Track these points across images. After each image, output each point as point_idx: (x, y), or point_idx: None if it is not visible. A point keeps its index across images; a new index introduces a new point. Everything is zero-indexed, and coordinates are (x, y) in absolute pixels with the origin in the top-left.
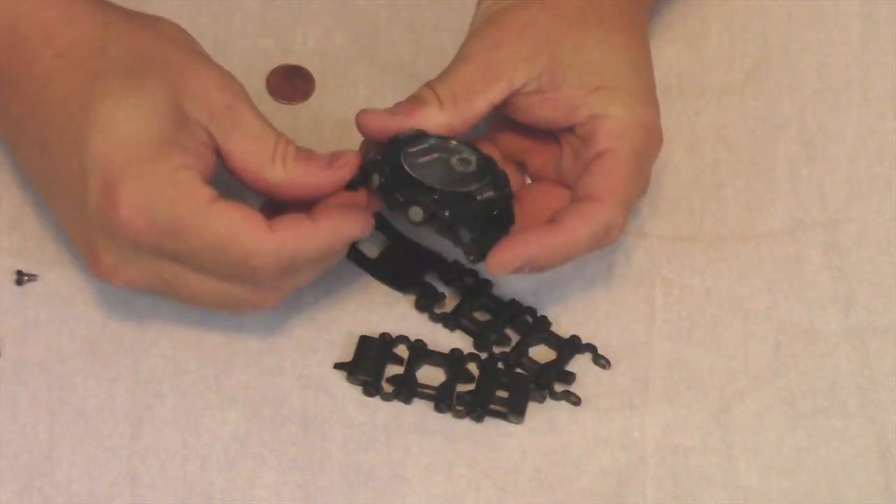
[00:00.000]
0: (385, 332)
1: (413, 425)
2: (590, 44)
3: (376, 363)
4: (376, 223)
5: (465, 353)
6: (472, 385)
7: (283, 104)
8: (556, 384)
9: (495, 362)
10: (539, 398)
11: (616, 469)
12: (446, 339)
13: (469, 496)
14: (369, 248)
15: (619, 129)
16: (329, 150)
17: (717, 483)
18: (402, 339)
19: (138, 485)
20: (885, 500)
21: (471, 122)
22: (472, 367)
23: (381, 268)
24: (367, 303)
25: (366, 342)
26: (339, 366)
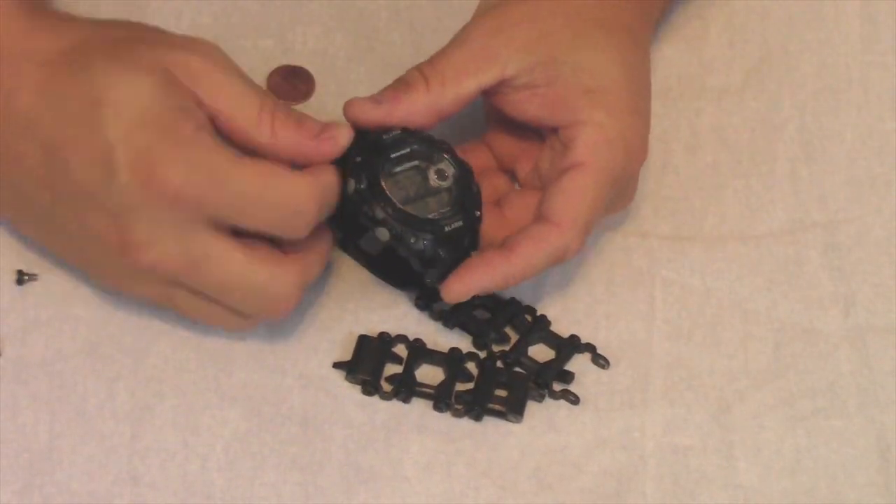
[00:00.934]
0: (384, 331)
1: (413, 425)
2: (587, 45)
3: (375, 362)
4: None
5: (463, 352)
6: (470, 384)
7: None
8: (555, 383)
9: (494, 361)
10: (538, 397)
11: (616, 469)
12: (446, 339)
13: (468, 496)
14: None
15: (600, 143)
16: None
17: (717, 483)
18: (401, 338)
19: (138, 484)
20: (884, 500)
21: (459, 102)
22: (472, 367)
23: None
24: (368, 302)
25: (365, 341)
26: (338, 365)
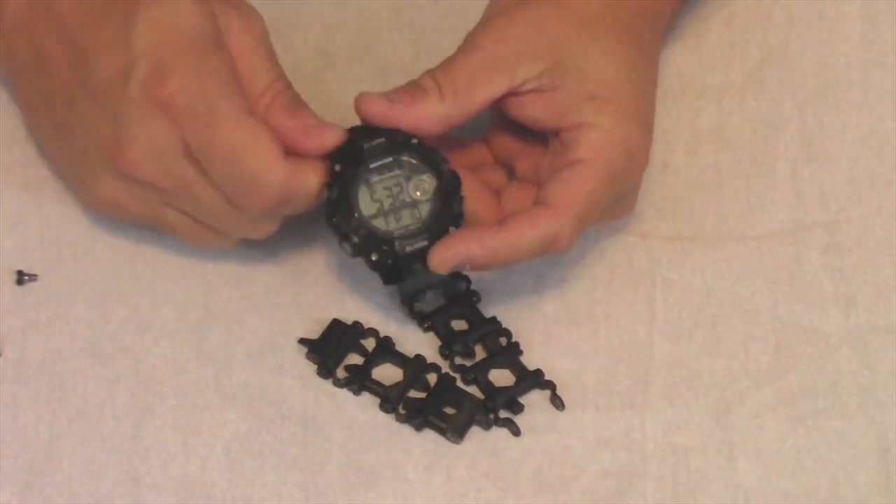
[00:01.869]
0: (358, 321)
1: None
2: (595, 52)
3: (339, 348)
4: None
5: (427, 362)
6: (423, 394)
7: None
8: (504, 411)
9: (454, 379)
10: (485, 424)
11: (616, 469)
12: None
13: (469, 497)
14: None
15: (601, 143)
16: None
17: (718, 483)
18: (372, 331)
19: (139, 485)
20: (885, 500)
21: (468, 116)
22: (432, 378)
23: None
24: (367, 303)
25: (336, 326)
26: (303, 341)
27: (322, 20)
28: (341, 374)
